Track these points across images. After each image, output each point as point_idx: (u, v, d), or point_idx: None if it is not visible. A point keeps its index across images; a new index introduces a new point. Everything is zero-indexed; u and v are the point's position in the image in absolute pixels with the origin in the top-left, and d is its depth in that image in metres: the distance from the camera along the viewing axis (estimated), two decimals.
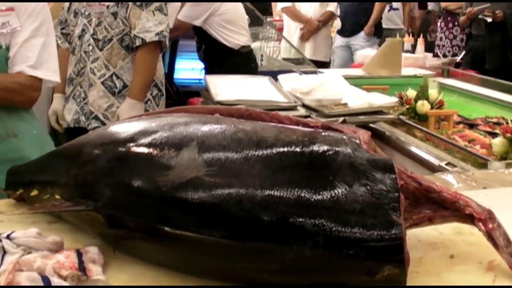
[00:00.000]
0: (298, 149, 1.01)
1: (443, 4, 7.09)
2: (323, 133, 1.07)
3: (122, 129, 1.20)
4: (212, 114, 1.22)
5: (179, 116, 1.21)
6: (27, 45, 2.03)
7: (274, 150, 1.02)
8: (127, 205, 1.06)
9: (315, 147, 1.01)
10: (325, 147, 1.00)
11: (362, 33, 6.07)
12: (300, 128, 1.13)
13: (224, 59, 4.19)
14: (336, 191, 0.95)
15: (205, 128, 1.10)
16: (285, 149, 1.01)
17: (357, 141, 1.04)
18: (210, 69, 4.22)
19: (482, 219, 1.06)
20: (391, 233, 0.92)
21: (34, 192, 1.27)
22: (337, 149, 1.00)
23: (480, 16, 5.22)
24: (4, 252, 1.05)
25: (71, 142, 1.33)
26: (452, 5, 6.85)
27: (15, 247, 1.06)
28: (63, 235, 1.14)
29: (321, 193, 0.94)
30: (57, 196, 1.19)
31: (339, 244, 0.92)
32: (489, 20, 5.11)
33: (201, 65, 4.61)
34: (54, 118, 3.14)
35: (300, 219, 0.93)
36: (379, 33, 6.17)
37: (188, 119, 1.17)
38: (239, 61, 4.20)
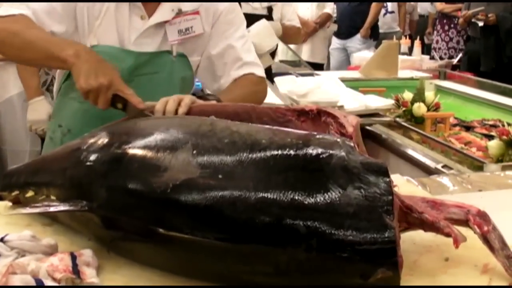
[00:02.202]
0: (292, 152, 1.01)
1: (438, 7, 7.10)
2: (317, 136, 1.07)
3: (118, 131, 1.20)
4: (206, 114, 1.23)
5: (174, 118, 1.22)
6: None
7: (268, 153, 1.01)
8: (122, 206, 1.05)
9: (309, 150, 1.01)
10: (319, 150, 1.00)
11: (358, 36, 6.08)
12: (295, 130, 1.14)
13: None
14: (330, 193, 0.95)
15: (200, 130, 1.10)
16: (279, 151, 1.01)
17: (351, 144, 1.04)
18: None
19: (457, 241, 1.05)
20: (385, 236, 0.92)
21: (30, 194, 1.26)
22: (331, 152, 1.00)
23: (473, 20, 5.24)
24: None
25: (67, 144, 1.33)
26: (447, 8, 6.86)
27: (9, 250, 1.06)
28: (57, 238, 1.14)
29: (315, 195, 0.94)
30: (52, 197, 1.19)
31: (333, 247, 0.92)
32: (481, 24, 5.13)
33: None
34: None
35: (294, 222, 0.93)
36: (375, 35, 6.17)
37: (183, 121, 1.17)
38: None
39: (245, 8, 3.90)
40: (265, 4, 3.98)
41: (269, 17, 4.04)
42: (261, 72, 1.86)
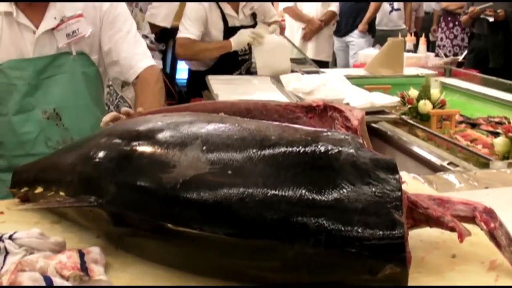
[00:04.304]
0: (301, 148, 1.01)
1: (443, 4, 7.08)
2: (326, 133, 1.07)
3: (128, 127, 1.20)
4: (217, 111, 1.24)
5: (184, 115, 1.22)
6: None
7: (278, 149, 1.02)
8: (132, 202, 1.06)
9: (319, 146, 1.01)
10: (328, 146, 1.00)
11: (356, 30, 6.13)
12: (304, 127, 1.14)
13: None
14: (338, 189, 0.95)
15: (210, 126, 1.11)
16: (289, 147, 1.02)
17: (360, 141, 1.04)
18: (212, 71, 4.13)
19: (461, 235, 1.05)
20: (393, 232, 0.92)
21: (39, 190, 1.27)
22: (340, 148, 1.00)
23: (482, 16, 5.22)
24: (7, 253, 1.05)
25: (76, 141, 1.33)
26: (452, 5, 6.85)
27: (17, 248, 1.06)
28: (65, 235, 1.15)
29: (324, 191, 0.94)
30: (61, 193, 1.19)
31: (341, 242, 0.92)
32: (491, 19, 5.11)
33: None
34: None
35: (303, 217, 0.93)
36: (373, 31, 6.19)
37: (193, 118, 1.17)
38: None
39: (232, 22, 3.83)
40: (248, 11, 3.92)
41: (254, 26, 4.00)
42: (151, 61, 2.07)
